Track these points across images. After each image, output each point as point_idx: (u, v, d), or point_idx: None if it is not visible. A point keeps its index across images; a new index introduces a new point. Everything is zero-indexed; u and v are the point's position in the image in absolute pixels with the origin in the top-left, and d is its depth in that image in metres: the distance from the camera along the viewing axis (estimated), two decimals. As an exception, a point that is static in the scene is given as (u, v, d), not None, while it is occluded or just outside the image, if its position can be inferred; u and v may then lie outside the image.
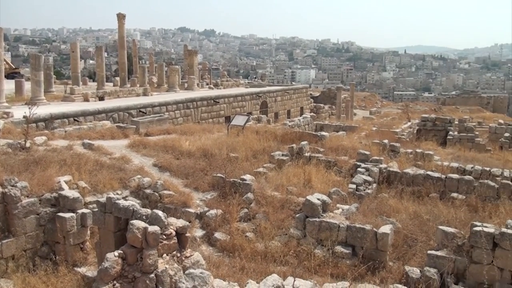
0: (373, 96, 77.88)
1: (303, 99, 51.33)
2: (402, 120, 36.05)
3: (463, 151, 21.35)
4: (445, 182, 14.92)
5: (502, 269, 9.46)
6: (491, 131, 29.00)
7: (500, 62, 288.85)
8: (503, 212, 12.81)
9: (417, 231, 11.40)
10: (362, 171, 15.46)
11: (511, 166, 17.65)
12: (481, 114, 48.95)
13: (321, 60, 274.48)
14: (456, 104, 64.67)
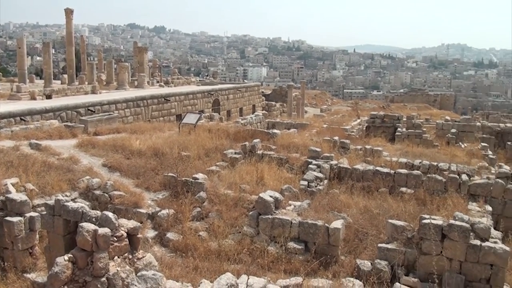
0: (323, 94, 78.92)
1: (255, 97, 51.52)
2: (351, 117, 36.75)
3: (411, 147, 21.92)
4: (394, 177, 15.34)
5: (451, 259, 9.82)
6: (438, 127, 29.93)
7: (447, 61, 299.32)
8: (450, 204, 13.27)
9: (367, 225, 11.65)
10: (313, 168, 15.65)
11: (458, 161, 18.32)
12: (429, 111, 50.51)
13: (273, 58, 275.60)
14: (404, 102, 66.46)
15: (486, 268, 9.69)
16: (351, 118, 35.31)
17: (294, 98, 49.61)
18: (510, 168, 17.77)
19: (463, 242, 9.75)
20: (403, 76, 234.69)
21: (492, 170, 17.60)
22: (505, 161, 24.21)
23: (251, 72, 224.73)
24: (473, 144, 24.41)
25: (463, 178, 14.95)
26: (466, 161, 18.80)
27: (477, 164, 18.13)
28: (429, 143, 25.78)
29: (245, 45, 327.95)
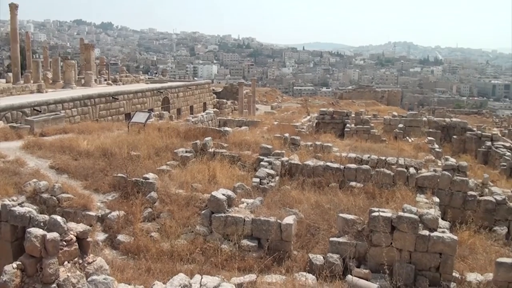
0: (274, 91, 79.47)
1: (206, 95, 51.23)
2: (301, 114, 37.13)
3: (360, 142, 22.34)
4: (344, 172, 15.62)
5: (401, 250, 10.12)
6: (386, 123, 30.68)
7: (394, 59, 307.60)
8: (399, 197, 13.65)
9: (319, 220, 11.83)
10: (265, 165, 15.72)
11: (406, 155, 18.83)
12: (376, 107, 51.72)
13: (223, 55, 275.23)
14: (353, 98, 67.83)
15: (435, 257, 10.04)
16: (301, 115, 35.66)
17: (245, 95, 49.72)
18: (456, 160, 18.46)
19: (412, 233, 10.06)
20: (351, 73, 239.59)
21: (438, 163, 18.19)
22: (451, 154, 25.11)
23: (201, 69, 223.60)
24: (420, 139, 25.16)
25: (410, 171, 15.39)
26: (414, 155, 19.34)
27: (424, 157, 18.69)
28: (377, 138, 26.38)
29: (194, 42, 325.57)
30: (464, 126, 30.77)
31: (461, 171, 16.48)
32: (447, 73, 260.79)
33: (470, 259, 11.11)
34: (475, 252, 11.53)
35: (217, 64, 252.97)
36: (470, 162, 22.12)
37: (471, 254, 11.36)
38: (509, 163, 20.33)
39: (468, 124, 32.77)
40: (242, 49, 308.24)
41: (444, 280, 9.95)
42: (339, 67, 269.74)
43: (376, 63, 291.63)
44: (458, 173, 16.20)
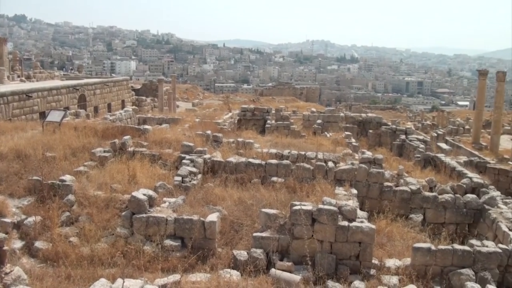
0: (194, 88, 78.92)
1: (124, 92, 49.88)
2: (223, 111, 37.18)
3: (281, 138, 22.70)
4: (265, 168, 15.80)
5: (322, 241, 10.50)
6: (305, 119, 31.33)
7: (312, 56, 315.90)
8: (319, 190, 14.03)
9: (242, 216, 11.92)
10: (187, 163, 15.56)
11: (324, 149, 19.35)
12: (296, 104, 52.80)
13: (142, 51, 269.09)
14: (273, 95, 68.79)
15: (355, 246, 10.49)
16: (223, 112, 35.71)
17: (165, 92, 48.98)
18: (372, 153, 19.20)
19: (332, 224, 10.42)
20: (271, 70, 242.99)
21: (356, 156, 18.85)
22: (367, 147, 26.09)
23: (119, 65, 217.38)
24: (338, 133, 25.92)
25: (329, 165, 15.83)
26: (332, 149, 19.93)
27: (342, 151, 19.29)
28: (297, 133, 26.89)
29: (112, 37, 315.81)
30: (379, 121, 32.08)
31: (377, 164, 17.18)
32: (363, 71, 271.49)
33: (389, 246, 11.65)
34: (393, 239, 12.09)
35: (136, 60, 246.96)
36: (386, 154, 23.07)
37: (389, 242, 11.91)
38: (423, 155, 21.39)
39: (383, 119, 34.23)
40: (162, 45, 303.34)
41: (364, 268, 10.41)
42: (259, 64, 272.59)
43: (295, 61, 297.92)
44: (375, 165, 16.88)
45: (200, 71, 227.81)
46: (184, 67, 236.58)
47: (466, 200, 15.15)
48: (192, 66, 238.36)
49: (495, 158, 27.10)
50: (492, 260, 10.35)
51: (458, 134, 38.72)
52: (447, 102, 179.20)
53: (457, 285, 9.88)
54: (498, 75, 31.29)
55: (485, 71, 33.19)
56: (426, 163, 20.56)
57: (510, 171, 23.43)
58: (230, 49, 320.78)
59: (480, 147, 31.22)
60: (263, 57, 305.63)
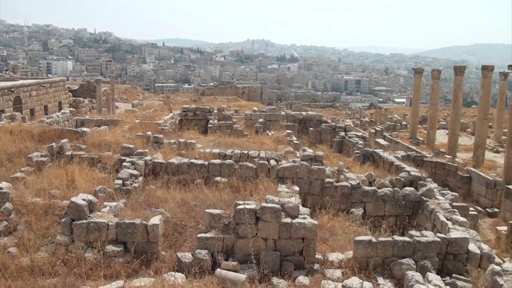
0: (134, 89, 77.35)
1: (61, 93, 48.26)
2: (164, 111, 36.61)
3: (223, 138, 22.67)
4: (208, 168, 15.75)
5: (266, 239, 10.60)
6: (247, 118, 31.43)
7: (252, 56, 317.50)
8: (262, 188, 14.15)
9: (186, 217, 11.83)
10: (127, 165, 15.26)
11: (267, 148, 19.51)
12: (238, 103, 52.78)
13: (79, 51, 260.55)
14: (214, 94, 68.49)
15: (298, 242, 10.67)
16: (164, 112, 35.17)
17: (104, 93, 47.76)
18: (313, 151, 19.49)
19: (276, 221, 10.54)
20: (212, 70, 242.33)
21: (297, 154, 19.07)
22: (308, 145, 26.50)
23: (55, 65, 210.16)
24: (279, 132, 26.19)
25: (271, 163, 15.97)
26: (274, 147, 20.11)
27: (284, 149, 19.49)
28: (239, 133, 26.96)
29: (48, 36, 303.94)
30: (319, 118, 32.65)
31: (318, 161, 17.47)
32: (302, 70, 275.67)
33: (331, 241, 11.89)
34: (335, 233, 12.35)
35: (73, 60, 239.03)
36: (326, 151, 23.53)
37: (332, 236, 12.16)
38: (362, 151, 21.95)
39: (323, 116, 34.87)
40: (99, 44, 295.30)
41: (308, 263, 10.60)
42: (200, 64, 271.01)
43: (236, 60, 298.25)
44: (316, 162, 17.16)
45: (140, 71, 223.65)
46: (123, 67, 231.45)
47: (404, 193, 15.71)
48: (131, 65, 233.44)
49: (432, 152, 28.22)
50: (431, 249, 10.79)
51: (395, 130, 39.99)
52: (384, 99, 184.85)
53: (399, 274, 10.21)
54: (433, 73, 32.60)
55: (420, 69, 34.52)
56: (365, 159, 21.11)
57: (446, 164, 24.48)
58: (170, 48, 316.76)
59: (417, 141, 32.40)
60: (204, 56, 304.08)
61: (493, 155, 30.00)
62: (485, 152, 27.15)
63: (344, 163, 18.19)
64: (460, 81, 29.24)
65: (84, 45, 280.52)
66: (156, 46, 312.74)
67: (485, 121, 26.67)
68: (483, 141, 26.57)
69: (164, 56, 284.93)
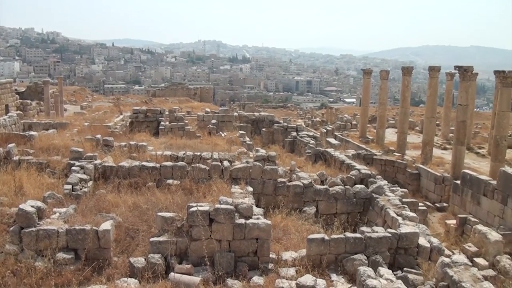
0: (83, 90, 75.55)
1: (8, 96, 46.53)
2: (114, 113, 35.91)
3: (175, 139, 22.45)
4: (160, 171, 15.60)
5: (220, 240, 10.60)
6: (200, 119, 31.25)
7: (204, 57, 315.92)
8: (215, 190, 14.11)
9: (138, 221, 11.66)
10: (76, 170, 14.92)
11: (220, 149, 19.49)
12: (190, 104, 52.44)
13: (26, 51, 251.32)
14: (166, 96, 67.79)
15: (252, 242, 10.72)
16: (114, 114, 34.50)
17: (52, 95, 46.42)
18: (266, 151, 19.63)
19: (230, 223, 10.56)
20: (164, 71, 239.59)
21: (250, 154, 19.15)
22: (261, 145, 26.64)
23: (1, 67, 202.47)
24: (232, 133, 26.20)
25: (225, 165, 15.98)
26: (227, 148, 20.11)
27: (237, 150, 19.52)
28: (192, 134, 26.77)
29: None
30: (271, 119, 32.88)
31: (271, 161, 17.59)
32: (254, 71, 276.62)
33: (285, 240, 12.01)
34: (289, 232, 12.47)
35: (20, 60, 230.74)
36: (279, 151, 23.71)
37: (285, 235, 12.27)
38: (313, 150, 22.24)
39: (275, 117, 35.12)
40: (47, 44, 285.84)
41: (262, 263, 10.68)
42: (150, 65, 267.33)
43: (188, 61, 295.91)
44: (269, 162, 17.28)
45: (89, 71, 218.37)
46: (72, 67, 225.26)
47: (355, 190, 16.06)
48: (80, 66, 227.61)
49: (381, 150, 28.93)
50: (382, 244, 11.08)
51: (346, 129, 40.76)
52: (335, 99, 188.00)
53: (351, 270, 10.42)
54: (382, 73, 33.43)
55: (369, 70, 35.32)
56: (316, 158, 21.41)
57: (395, 162, 25.13)
58: (119, 48, 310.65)
59: (367, 140, 33.12)
60: (155, 57, 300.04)
61: (441, 152, 31.06)
62: (433, 149, 28.06)
63: (296, 163, 18.39)
64: (408, 81, 30.09)
65: (32, 46, 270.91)
66: (106, 46, 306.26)
67: (432, 120, 27.55)
68: (431, 139, 27.44)
69: (113, 57, 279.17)
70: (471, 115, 33.84)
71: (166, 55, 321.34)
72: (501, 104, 22.66)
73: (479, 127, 44.84)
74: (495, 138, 22.91)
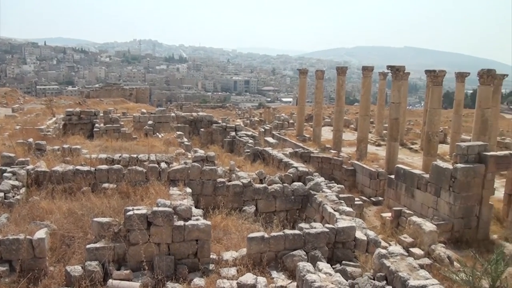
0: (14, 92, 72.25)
1: None
2: (46, 116, 34.61)
3: (111, 142, 21.96)
4: (95, 174, 15.16)
5: (159, 244, 10.46)
6: (136, 120, 30.62)
7: (140, 56, 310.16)
8: (153, 192, 13.90)
9: (73, 228, 11.31)
10: (8, 176, 14.24)
11: (157, 150, 19.24)
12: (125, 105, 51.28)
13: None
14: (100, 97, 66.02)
15: (192, 244, 10.70)
16: (46, 117, 33.24)
17: (-22, 99, 44.29)
18: (205, 151, 19.56)
19: (168, 225, 10.46)
20: (98, 71, 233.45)
21: (188, 155, 19.02)
22: (200, 146, 26.50)
23: None
24: (170, 134, 25.88)
25: (162, 166, 15.76)
26: (164, 150, 19.89)
27: (175, 151, 19.33)
28: (128, 136, 26.21)
29: None
30: (210, 119, 32.75)
31: (210, 161, 17.57)
32: (192, 70, 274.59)
33: (225, 240, 12.03)
34: (229, 232, 12.51)
35: None
36: (218, 151, 23.68)
37: (226, 235, 12.30)
38: (252, 149, 22.35)
39: (214, 117, 35.01)
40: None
41: (203, 264, 10.65)
42: (84, 65, 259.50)
43: (123, 61, 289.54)
44: (208, 163, 17.24)
45: (20, 72, 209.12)
46: (2, 68, 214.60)
47: (293, 188, 16.32)
48: (11, 67, 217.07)
49: (318, 148, 29.56)
50: (320, 239, 11.36)
51: (283, 128, 41.32)
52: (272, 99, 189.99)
53: (291, 266, 10.59)
54: (317, 73, 34.16)
55: (305, 70, 36.01)
56: (255, 157, 21.56)
57: (331, 159, 25.71)
58: (52, 48, 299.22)
59: (304, 138, 33.72)
60: (88, 56, 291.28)
61: (375, 148, 32.15)
62: (368, 146, 29.01)
63: (235, 163, 18.44)
64: (342, 80, 30.89)
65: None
66: (37, 45, 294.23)
67: (366, 117, 28.42)
68: (366, 136, 28.31)
69: (46, 56, 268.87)
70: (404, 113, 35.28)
71: (100, 54, 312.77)
72: (432, 102, 23.70)
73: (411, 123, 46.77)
74: (427, 134, 23.96)
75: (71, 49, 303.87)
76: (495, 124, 29.47)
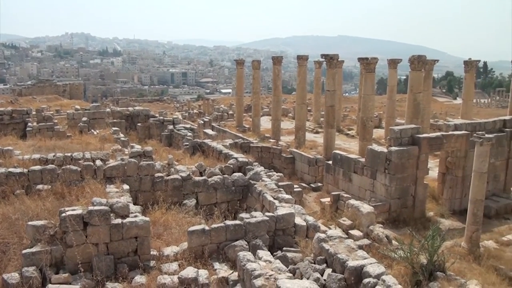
0: None
1: None
2: (-25, 117, 33.00)
3: (44, 141, 21.22)
4: (28, 176, 14.64)
5: (97, 244, 10.24)
6: (70, 118, 29.70)
7: (72, 51, 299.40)
8: (89, 191, 13.59)
9: (8, 234, 10.92)
10: None
11: (92, 148, 18.76)
12: (59, 102, 49.59)
13: None
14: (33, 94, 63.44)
15: (131, 242, 10.56)
16: (-26, 119, 31.70)
17: None
18: (142, 146, 19.27)
19: (105, 224, 10.27)
20: (29, 67, 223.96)
21: (126, 151, 18.70)
22: (137, 141, 26.10)
23: None
24: (105, 130, 25.31)
25: (97, 164, 15.39)
26: (100, 147, 19.44)
27: (111, 148, 18.95)
28: (62, 134, 25.41)
29: None
30: (147, 113, 32.26)
31: (147, 156, 17.36)
32: (127, 64, 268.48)
33: (166, 235, 11.97)
34: (170, 227, 12.45)
35: None
36: (156, 146, 23.42)
37: (166, 230, 12.23)
38: (191, 142, 22.22)
39: (151, 111, 34.53)
40: None
41: (143, 261, 10.54)
42: (15, 61, 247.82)
43: (55, 55, 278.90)
44: (145, 158, 17.03)
45: None
46: None
47: (233, 178, 16.41)
48: None
49: (257, 138, 29.80)
50: (261, 228, 11.52)
51: (223, 119, 41.34)
52: (211, 90, 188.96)
53: (233, 256, 10.69)
54: (253, 63, 34.32)
55: (241, 60, 36.15)
56: (195, 150, 21.47)
57: (271, 148, 25.99)
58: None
59: (243, 129, 33.89)
60: (19, 52, 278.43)
61: (313, 136, 32.76)
62: (306, 134, 29.53)
63: (174, 156, 18.30)
64: (278, 70, 31.21)
65: None
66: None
67: (303, 106, 28.90)
68: (303, 124, 28.81)
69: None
70: (340, 100, 36.10)
71: (32, 49, 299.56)
72: (366, 88, 24.39)
73: (348, 110, 47.96)
74: (362, 120, 24.67)
75: (1, 45, 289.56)
76: (427, 107, 30.68)
